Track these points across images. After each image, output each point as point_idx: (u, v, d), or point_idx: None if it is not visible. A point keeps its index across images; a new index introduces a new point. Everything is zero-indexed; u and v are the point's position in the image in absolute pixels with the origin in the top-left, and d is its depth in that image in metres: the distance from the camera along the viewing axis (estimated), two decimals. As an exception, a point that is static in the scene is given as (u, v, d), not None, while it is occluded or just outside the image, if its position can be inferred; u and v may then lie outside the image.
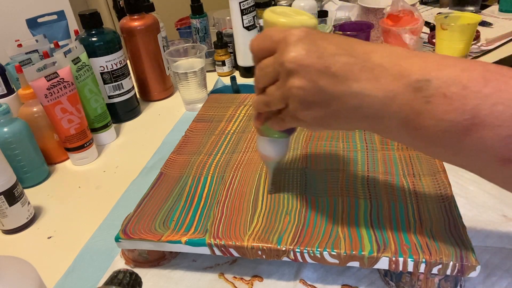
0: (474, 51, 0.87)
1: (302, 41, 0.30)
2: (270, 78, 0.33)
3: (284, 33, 0.31)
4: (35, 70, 0.60)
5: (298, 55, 0.29)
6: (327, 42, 0.30)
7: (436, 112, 0.26)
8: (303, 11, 0.37)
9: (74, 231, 0.54)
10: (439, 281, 0.38)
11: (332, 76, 0.29)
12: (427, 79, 0.26)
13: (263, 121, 0.38)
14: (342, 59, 0.29)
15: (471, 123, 0.25)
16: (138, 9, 0.80)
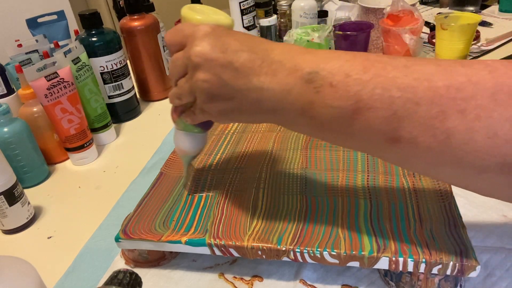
0: (474, 51, 0.87)
1: (208, 36, 0.32)
2: (180, 71, 0.34)
3: (193, 28, 0.33)
4: (35, 70, 0.60)
5: (203, 49, 0.31)
6: (232, 38, 0.32)
7: (325, 100, 0.28)
8: (222, 12, 0.39)
9: (74, 231, 0.54)
10: (439, 281, 0.38)
11: (234, 70, 0.31)
12: (316, 71, 0.29)
13: (179, 115, 0.39)
14: (244, 55, 0.31)
15: (356, 107, 0.27)
16: (138, 9, 0.80)
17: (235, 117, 0.34)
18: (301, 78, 0.29)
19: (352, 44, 0.76)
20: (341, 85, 0.28)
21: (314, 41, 0.74)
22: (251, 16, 0.85)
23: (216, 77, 0.31)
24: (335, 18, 0.97)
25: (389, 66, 0.27)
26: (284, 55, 0.31)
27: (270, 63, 0.30)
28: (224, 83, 0.31)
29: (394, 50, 0.76)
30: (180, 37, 0.34)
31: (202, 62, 0.31)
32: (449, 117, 0.25)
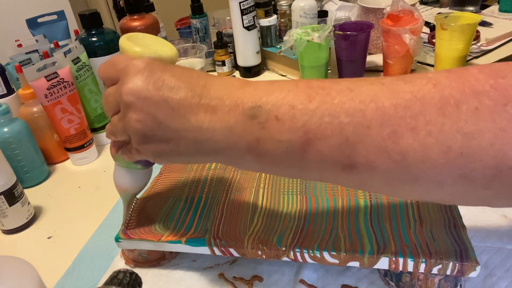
0: (474, 51, 0.87)
1: (141, 72, 0.29)
2: (113, 108, 0.32)
3: (127, 62, 0.30)
4: (35, 70, 0.60)
5: (135, 87, 0.29)
6: (168, 74, 0.29)
7: (273, 135, 0.26)
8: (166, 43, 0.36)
9: (74, 231, 0.54)
10: (439, 281, 0.38)
11: (170, 109, 0.28)
12: (258, 105, 0.27)
13: (116, 150, 0.37)
14: (181, 92, 0.28)
15: (306, 139, 0.26)
16: (138, 9, 0.80)
17: (174, 159, 0.32)
18: (243, 114, 0.27)
19: (352, 44, 0.76)
20: (287, 117, 0.26)
21: (314, 41, 0.74)
22: (251, 16, 0.85)
23: (150, 117, 0.29)
24: (335, 18, 0.96)
25: (333, 91, 0.26)
26: (223, 90, 0.29)
27: (209, 100, 0.28)
28: (159, 123, 0.29)
29: (394, 50, 0.76)
30: (113, 71, 0.32)
31: (134, 101, 0.29)
32: (401, 137, 0.24)
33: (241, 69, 0.93)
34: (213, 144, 0.29)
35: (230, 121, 0.28)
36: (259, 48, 0.91)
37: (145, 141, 0.30)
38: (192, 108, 0.28)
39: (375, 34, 0.90)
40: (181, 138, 0.29)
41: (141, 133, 0.30)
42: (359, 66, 0.80)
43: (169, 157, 0.31)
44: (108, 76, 0.32)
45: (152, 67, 0.30)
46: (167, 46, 0.36)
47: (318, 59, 0.78)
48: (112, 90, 0.32)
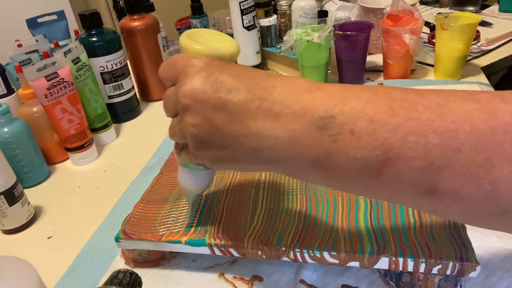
0: (474, 51, 0.88)
1: (199, 73, 0.27)
2: (172, 110, 0.30)
3: (185, 62, 0.29)
4: (35, 70, 0.60)
5: (192, 89, 0.27)
6: (226, 74, 0.27)
7: (345, 151, 0.24)
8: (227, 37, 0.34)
9: (74, 231, 0.54)
10: (439, 281, 0.38)
11: (228, 113, 0.26)
12: (330, 115, 0.24)
13: (179, 151, 0.35)
14: (240, 95, 0.26)
15: (385, 158, 0.23)
16: (138, 9, 0.80)
17: (230, 166, 0.30)
18: (311, 123, 0.24)
19: (352, 44, 0.76)
20: (364, 132, 0.23)
21: (314, 41, 0.74)
22: (251, 16, 0.85)
23: (207, 122, 0.27)
24: (335, 18, 0.96)
25: (420, 105, 0.23)
26: (287, 93, 0.26)
27: (271, 104, 0.26)
28: (216, 128, 0.27)
29: (394, 50, 0.76)
30: (171, 72, 0.30)
31: (191, 104, 0.27)
32: (496, 165, 0.21)
33: (241, 69, 0.93)
34: (273, 154, 0.26)
35: (296, 130, 0.25)
36: (259, 48, 0.91)
37: (201, 147, 0.29)
38: (251, 113, 0.26)
39: (375, 34, 0.90)
40: (239, 145, 0.27)
41: (197, 139, 0.28)
42: (359, 66, 0.80)
43: (225, 164, 0.29)
44: (168, 76, 0.31)
45: (210, 67, 0.28)
46: (228, 42, 0.34)
47: (318, 59, 0.78)
48: (171, 91, 0.30)
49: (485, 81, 0.77)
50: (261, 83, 0.27)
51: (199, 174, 0.38)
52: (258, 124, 0.26)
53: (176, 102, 0.29)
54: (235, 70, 0.28)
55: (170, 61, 0.31)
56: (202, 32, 0.35)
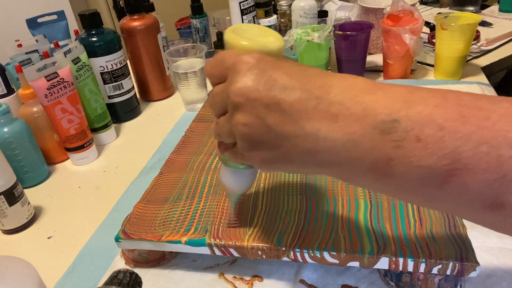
0: (474, 51, 0.88)
1: (251, 70, 0.26)
2: (220, 108, 0.29)
3: (235, 59, 0.28)
4: (35, 70, 0.60)
5: (244, 87, 0.26)
6: (280, 72, 0.26)
7: (408, 158, 0.22)
8: (273, 31, 0.33)
9: (74, 231, 0.54)
10: (439, 281, 0.38)
11: (282, 113, 0.25)
12: (395, 119, 0.22)
13: (223, 151, 0.33)
14: (295, 94, 0.25)
15: (452, 169, 0.21)
16: (138, 9, 0.80)
17: (281, 168, 0.28)
18: (373, 126, 0.23)
19: (352, 44, 0.76)
20: (432, 139, 0.21)
21: (314, 41, 0.74)
22: (251, 16, 0.85)
23: (259, 121, 0.26)
24: (335, 18, 0.97)
25: (494, 114, 0.21)
26: (346, 93, 0.24)
27: (328, 104, 0.24)
28: (269, 128, 0.26)
29: (394, 50, 0.76)
30: (220, 69, 0.29)
31: (243, 102, 0.26)
32: None
33: (241, 69, 0.93)
34: (329, 156, 0.25)
35: (355, 133, 0.23)
36: (259, 48, 0.91)
37: (252, 148, 0.27)
38: (307, 113, 0.24)
39: (375, 34, 0.90)
40: (292, 147, 0.26)
41: (248, 139, 0.27)
42: (359, 66, 0.80)
43: (276, 166, 0.28)
44: (215, 74, 0.30)
45: (263, 64, 0.27)
46: (274, 36, 0.32)
47: (318, 59, 0.78)
48: (219, 89, 0.29)
49: (485, 81, 0.77)
50: (317, 81, 0.25)
51: (243, 173, 0.37)
52: (315, 125, 0.24)
53: (225, 100, 0.28)
54: (289, 67, 0.27)
55: (217, 58, 0.30)
56: (246, 27, 0.34)
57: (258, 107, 0.26)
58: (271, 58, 0.28)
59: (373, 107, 0.23)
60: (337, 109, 0.24)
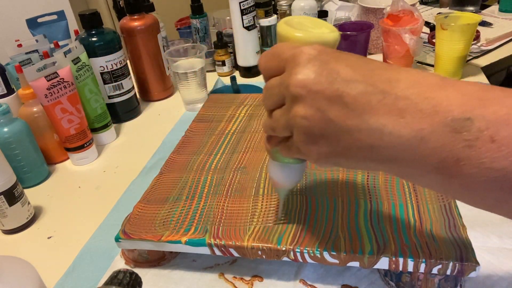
0: (474, 51, 0.88)
1: (312, 61, 0.26)
2: (275, 101, 0.29)
3: (294, 50, 0.27)
4: (35, 70, 0.60)
5: (306, 79, 0.25)
6: (343, 64, 0.25)
7: (480, 159, 0.21)
8: (324, 22, 0.33)
9: (74, 231, 0.54)
10: (439, 281, 0.38)
11: (344, 106, 0.24)
12: (468, 117, 0.21)
13: (274, 145, 0.33)
14: (359, 87, 0.24)
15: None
16: (138, 9, 0.80)
17: (338, 163, 0.28)
18: (444, 124, 0.22)
19: (352, 44, 0.76)
20: (507, 141, 0.21)
21: (314, 41, 0.74)
22: (251, 16, 0.85)
23: (320, 114, 0.25)
24: (335, 18, 0.97)
25: None
26: (414, 88, 0.23)
27: (394, 99, 0.23)
28: (329, 121, 0.25)
29: (394, 50, 0.76)
30: (277, 61, 0.28)
31: (303, 94, 0.25)
32: None
33: (241, 69, 0.93)
34: (393, 153, 0.24)
35: (424, 129, 0.22)
36: (259, 48, 0.91)
37: (310, 141, 0.27)
38: (371, 107, 0.24)
39: (375, 34, 0.90)
40: (354, 141, 0.25)
41: (307, 132, 0.26)
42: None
43: (333, 160, 0.27)
44: (271, 66, 0.29)
45: (324, 55, 0.26)
46: (328, 27, 0.32)
47: (318, 59, 0.78)
48: (275, 82, 0.28)
49: (485, 81, 0.77)
50: (382, 75, 0.25)
51: (293, 168, 0.36)
52: (379, 119, 0.23)
53: (283, 93, 0.27)
54: (352, 60, 0.26)
55: (273, 50, 0.29)
56: (298, 19, 0.33)
57: (319, 100, 0.25)
58: (332, 50, 0.27)
59: (444, 103, 0.22)
60: (404, 104, 0.23)
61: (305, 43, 0.28)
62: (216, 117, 0.66)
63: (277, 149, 0.33)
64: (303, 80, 0.25)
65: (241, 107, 0.68)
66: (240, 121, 0.64)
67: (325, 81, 0.25)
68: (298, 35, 0.30)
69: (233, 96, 0.73)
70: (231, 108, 0.69)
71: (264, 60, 0.30)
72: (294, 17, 0.33)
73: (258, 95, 0.72)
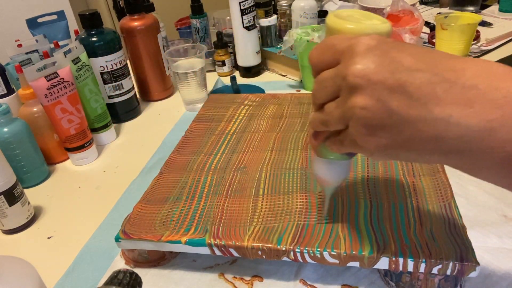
0: (474, 51, 0.87)
1: (372, 51, 0.25)
2: (329, 93, 0.28)
3: (350, 41, 0.26)
4: (35, 70, 0.60)
5: (366, 68, 0.24)
6: (404, 53, 0.24)
7: None
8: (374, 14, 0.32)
9: (74, 231, 0.54)
10: (439, 281, 0.38)
11: (407, 96, 0.23)
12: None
13: (321, 141, 0.32)
14: (423, 76, 0.23)
15: None
16: (138, 9, 0.80)
17: (399, 155, 0.27)
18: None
19: (352, 44, 0.76)
20: None
21: (314, 41, 0.74)
22: (251, 16, 0.85)
23: (381, 104, 0.24)
24: (335, 18, 0.96)
25: None
26: (482, 78, 0.23)
27: (461, 88, 0.22)
28: (391, 112, 0.24)
29: (394, 50, 0.76)
30: (331, 54, 0.27)
31: (363, 84, 0.24)
32: None
33: (241, 69, 0.93)
34: (459, 144, 0.23)
35: (494, 120, 0.22)
36: (259, 48, 0.91)
37: (369, 133, 0.26)
38: (437, 97, 0.23)
39: (375, 34, 0.90)
40: (417, 132, 0.24)
41: (367, 123, 0.25)
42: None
43: (392, 152, 0.26)
44: (325, 59, 0.28)
45: (384, 45, 0.25)
46: (378, 19, 0.31)
47: (318, 59, 0.78)
48: (329, 74, 0.27)
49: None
50: (446, 64, 0.24)
51: (341, 164, 0.36)
52: (446, 109, 0.23)
53: (339, 84, 0.26)
54: (413, 49, 0.25)
55: (326, 43, 0.28)
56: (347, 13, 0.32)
57: (380, 90, 0.24)
58: (392, 40, 0.26)
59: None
60: (473, 93, 0.22)
61: (358, 35, 0.27)
62: (216, 117, 0.66)
63: (324, 145, 0.32)
64: (362, 69, 0.25)
65: (241, 107, 0.68)
66: (240, 121, 0.64)
67: (387, 70, 0.24)
68: (349, 26, 0.30)
69: (233, 96, 0.73)
70: (231, 108, 0.69)
71: (316, 53, 0.29)
72: (343, 10, 0.32)
73: (258, 95, 0.72)
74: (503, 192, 0.50)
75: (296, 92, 0.83)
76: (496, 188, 0.30)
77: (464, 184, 0.52)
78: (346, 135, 0.28)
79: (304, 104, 0.67)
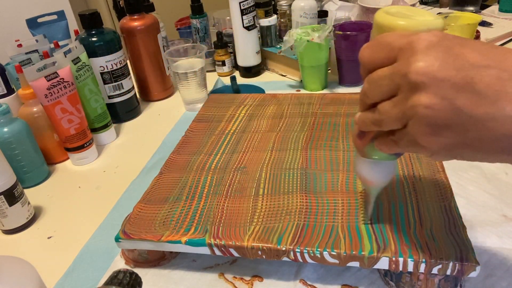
0: (474, 51, 0.87)
1: (434, 47, 0.24)
2: (384, 92, 0.27)
3: (409, 38, 0.25)
4: (35, 70, 0.60)
5: (430, 66, 0.24)
6: (468, 49, 0.24)
7: None
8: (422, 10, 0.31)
9: (74, 231, 0.54)
10: (439, 281, 0.38)
11: (475, 94, 0.23)
12: None
13: (369, 141, 0.31)
14: (491, 73, 0.23)
15: None
16: (138, 9, 0.80)
17: (463, 154, 0.26)
18: None
19: (352, 44, 0.76)
20: None
21: (314, 41, 0.74)
22: (251, 16, 0.85)
23: (446, 103, 0.23)
24: (335, 18, 0.96)
25: None
26: None
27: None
28: (457, 110, 0.23)
29: (394, 50, 0.76)
30: (386, 51, 0.27)
31: (427, 82, 0.24)
32: None
33: (241, 69, 0.93)
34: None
35: None
36: (259, 48, 0.91)
37: (433, 132, 0.25)
38: (507, 94, 0.22)
39: (375, 34, 0.90)
40: (486, 131, 0.23)
41: (430, 122, 0.24)
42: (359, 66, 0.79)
43: (457, 152, 0.26)
44: (380, 57, 0.27)
45: (447, 41, 0.24)
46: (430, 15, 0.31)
47: (318, 59, 0.78)
48: (385, 72, 0.27)
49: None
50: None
51: (387, 164, 0.35)
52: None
53: (397, 82, 0.26)
54: (476, 45, 0.24)
55: (379, 41, 0.28)
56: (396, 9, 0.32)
57: (446, 88, 0.23)
58: (454, 36, 0.25)
59: None
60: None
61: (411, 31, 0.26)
62: (216, 117, 0.66)
63: (371, 145, 0.31)
64: (425, 67, 0.24)
65: (241, 107, 0.68)
66: (240, 121, 0.64)
67: (452, 67, 0.23)
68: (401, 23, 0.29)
69: (233, 96, 0.73)
70: (231, 108, 0.69)
71: (368, 51, 0.28)
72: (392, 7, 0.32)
73: (258, 95, 0.72)
74: (503, 192, 0.50)
75: (296, 92, 0.83)
76: (496, 188, 0.30)
77: (464, 184, 0.52)
78: (402, 135, 0.27)
79: (304, 104, 0.67)
